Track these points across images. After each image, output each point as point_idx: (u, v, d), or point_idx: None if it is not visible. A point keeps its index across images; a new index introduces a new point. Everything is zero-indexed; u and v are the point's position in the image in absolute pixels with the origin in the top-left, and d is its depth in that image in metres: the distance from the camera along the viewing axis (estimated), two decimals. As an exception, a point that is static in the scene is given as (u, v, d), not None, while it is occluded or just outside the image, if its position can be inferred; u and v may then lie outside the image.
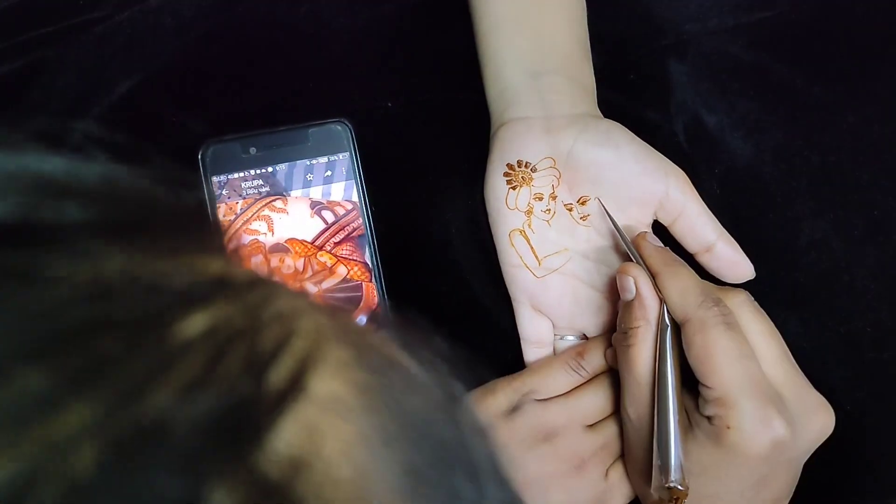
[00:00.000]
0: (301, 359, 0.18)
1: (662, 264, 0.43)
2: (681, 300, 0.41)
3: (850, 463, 0.49)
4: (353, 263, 0.50)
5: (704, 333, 0.39)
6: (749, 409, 0.38)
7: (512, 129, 0.47)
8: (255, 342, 0.17)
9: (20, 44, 0.52)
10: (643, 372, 0.42)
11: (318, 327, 0.19)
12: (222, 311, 0.17)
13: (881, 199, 0.52)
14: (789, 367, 0.41)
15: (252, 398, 0.16)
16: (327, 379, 0.18)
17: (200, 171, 0.50)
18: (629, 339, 0.42)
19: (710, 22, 0.54)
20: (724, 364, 0.39)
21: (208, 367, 0.16)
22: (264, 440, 0.16)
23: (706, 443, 0.39)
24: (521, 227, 0.48)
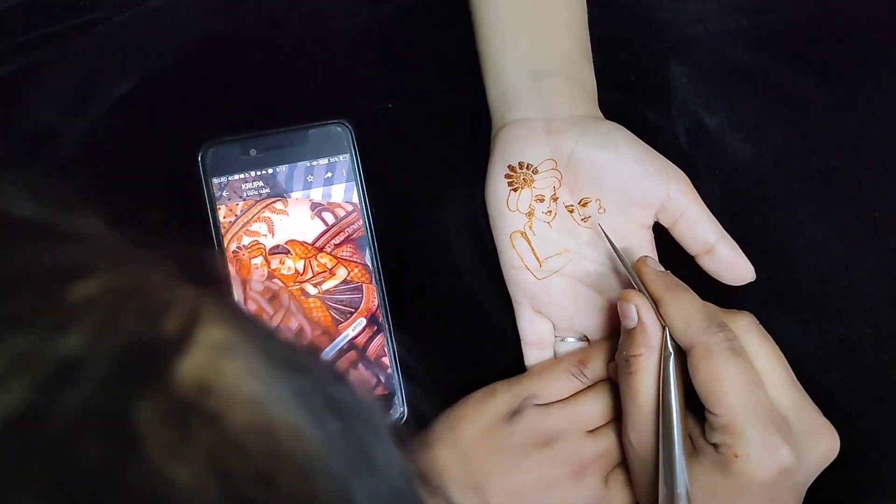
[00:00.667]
0: (188, 313, 0.20)
1: (664, 289, 0.42)
2: (685, 326, 0.41)
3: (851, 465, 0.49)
4: (354, 265, 0.50)
5: (710, 360, 0.39)
6: (756, 438, 0.38)
7: (513, 130, 0.47)
8: (145, 301, 0.19)
9: (20, 44, 0.52)
10: (646, 400, 0.42)
11: (195, 295, 0.21)
12: (109, 277, 0.20)
13: (881, 201, 0.52)
14: (795, 391, 0.41)
15: (153, 338, 0.19)
16: (213, 328, 0.20)
17: (200, 173, 0.50)
18: (631, 366, 0.42)
19: (711, 24, 0.54)
20: (731, 391, 0.39)
21: (109, 316, 0.18)
22: (171, 370, 0.18)
23: (712, 470, 0.39)
24: (522, 228, 0.48)
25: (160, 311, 0.20)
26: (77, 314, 0.18)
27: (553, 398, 0.47)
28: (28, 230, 0.21)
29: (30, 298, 0.18)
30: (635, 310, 0.42)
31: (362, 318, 0.50)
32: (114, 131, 0.52)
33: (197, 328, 0.20)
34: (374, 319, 0.50)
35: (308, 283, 0.50)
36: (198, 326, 0.20)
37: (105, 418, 0.17)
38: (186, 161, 0.50)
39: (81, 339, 0.17)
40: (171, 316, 0.20)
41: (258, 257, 0.50)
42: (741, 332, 0.41)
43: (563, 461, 0.45)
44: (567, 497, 0.45)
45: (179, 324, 0.19)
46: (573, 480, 0.45)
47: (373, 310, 0.50)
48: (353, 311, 0.50)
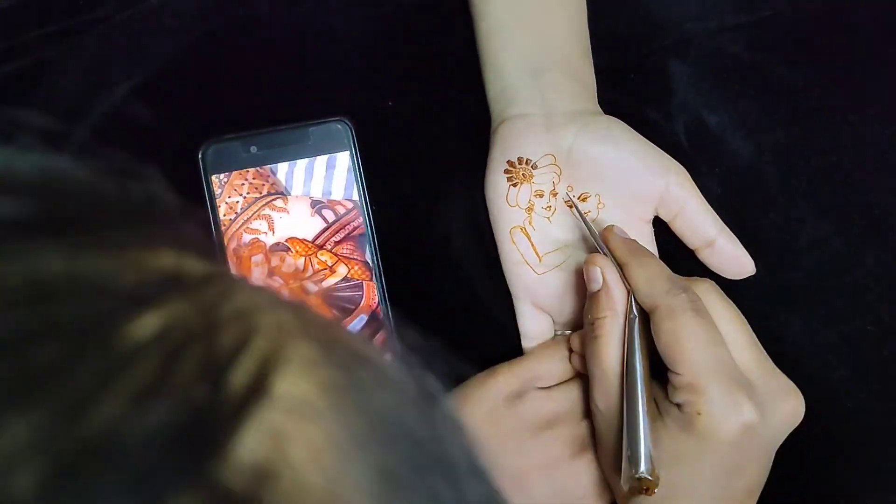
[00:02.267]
0: (263, 359, 0.17)
1: (629, 254, 0.43)
2: (648, 288, 0.41)
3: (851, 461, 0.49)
4: (354, 262, 0.50)
5: (673, 320, 0.39)
6: (718, 394, 0.38)
7: (512, 126, 0.47)
8: (212, 343, 0.16)
9: (21, 44, 0.52)
10: (611, 363, 0.42)
11: (281, 324, 0.18)
12: (175, 310, 0.16)
13: (882, 198, 0.52)
14: (758, 352, 0.41)
15: (210, 405, 0.15)
16: (292, 379, 0.17)
17: (201, 170, 0.50)
18: (596, 329, 0.42)
19: (712, 22, 0.54)
20: (693, 349, 0.39)
21: (160, 374, 0.15)
22: (225, 450, 0.15)
23: (676, 431, 0.39)
24: (521, 224, 0.48)
25: (231, 356, 0.16)
26: (121, 368, 0.15)
27: (554, 380, 0.47)
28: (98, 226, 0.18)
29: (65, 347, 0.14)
30: (600, 272, 0.42)
31: (363, 315, 0.50)
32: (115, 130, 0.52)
33: (273, 377, 0.16)
34: (375, 317, 0.50)
35: (309, 281, 0.50)
36: (274, 374, 0.17)
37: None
38: (187, 158, 0.50)
39: (119, 410, 0.14)
40: (242, 363, 0.16)
41: (258, 255, 0.50)
42: (703, 294, 0.41)
43: (566, 442, 0.45)
44: (570, 477, 0.45)
45: (250, 374, 0.16)
46: (576, 460, 0.45)
47: (373, 307, 0.50)
48: (353, 308, 0.50)
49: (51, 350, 0.14)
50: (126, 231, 0.18)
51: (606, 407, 0.42)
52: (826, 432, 0.46)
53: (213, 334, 0.16)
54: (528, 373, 0.47)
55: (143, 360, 0.15)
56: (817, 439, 0.43)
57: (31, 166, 0.18)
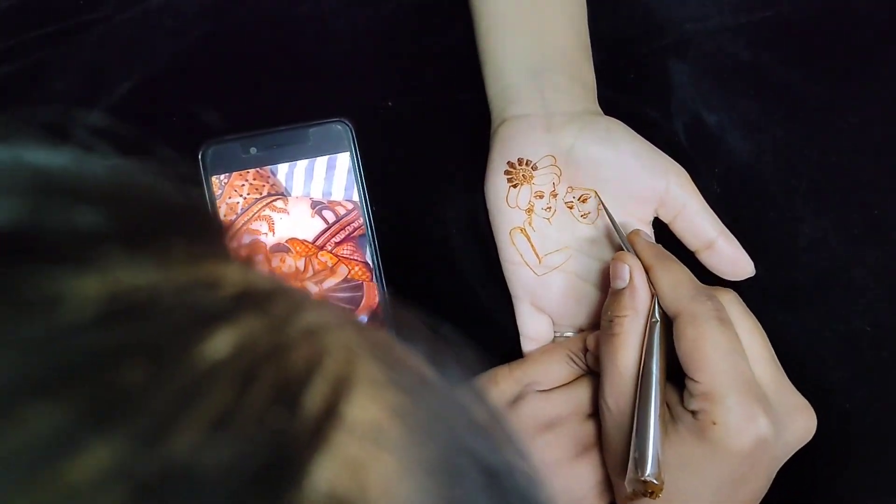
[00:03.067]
0: (335, 381, 0.16)
1: (655, 258, 0.43)
2: (673, 293, 0.41)
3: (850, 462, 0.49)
4: (354, 263, 0.50)
5: (696, 327, 0.39)
6: (735, 406, 0.38)
7: (512, 126, 0.47)
8: (285, 364, 0.15)
9: (21, 44, 0.52)
10: (627, 363, 0.41)
11: (349, 343, 0.17)
12: (248, 327, 0.16)
13: (881, 198, 0.52)
14: (775, 368, 0.42)
15: (286, 431, 0.14)
16: (364, 404, 0.16)
17: (201, 171, 0.50)
18: (615, 327, 0.42)
19: (711, 21, 0.54)
20: (714, 359, 0.39)
21: (237, 396, 0.14)
22: (303, 479, 0.14)
23: (689, 437, 0.39)
24: (521, 225, 0.48)
25: (303, 378, 0.15)
26: (201, 390, 0.14)
27: (553, 383, 0.47)
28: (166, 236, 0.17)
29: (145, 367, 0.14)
30: (628, 270, 0.42)
31: (363, 315, 0.50)
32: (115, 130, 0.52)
33: (345, 401, 0.16)
34: (375, 317, 0.50)
35: (309, 282, 0.50)
36: (346, 398, 0.16)
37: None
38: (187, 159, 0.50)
39: (199, 436, 0.13)
40: (316, 386, 0.15)
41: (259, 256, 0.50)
42: (726, 305, 0.41)
43: (566, 444, 0.45)
44: (569, 479, 0.45)
45: (323, 397, 0.15)
46: (576, 462, 0.45)
47: (374, 307, 0.50)
48: (354, 308, 0.50)
49: (133, 370, 0.14)
50: (194, 241, 0.18)
51: (616, 406, 0.42)
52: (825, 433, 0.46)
53: (284, 354, 0.16)
54: (527, 377, 0.47)
55: (220, 382, 0.14)
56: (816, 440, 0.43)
57: (101, 170, 0.17)
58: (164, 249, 0.16)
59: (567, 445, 0.45)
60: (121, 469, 0.13)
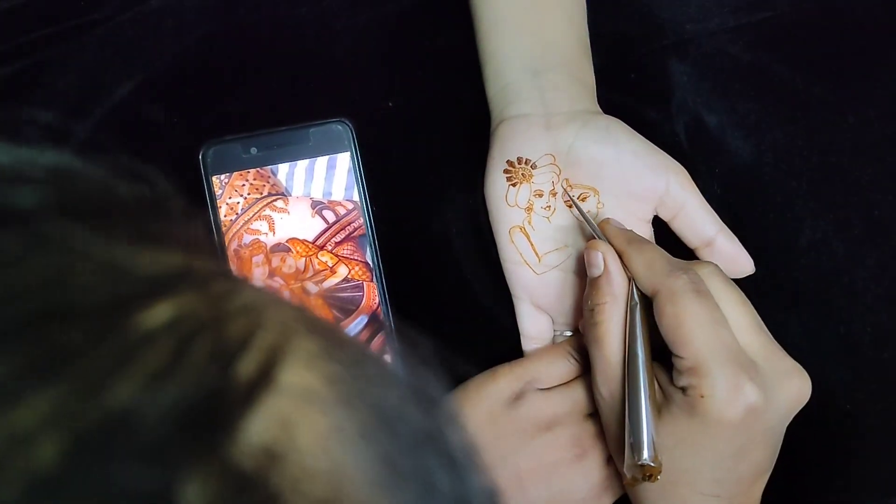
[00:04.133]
0: (270, 350, 0.17)
1: (626, 242, 0.43)
2: (648, 272, 0.41)
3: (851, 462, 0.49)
4: (354, 263, 0.50)
5: (675, 302, 0.39)
6: (721, 377, 0.38)
7: (512, 125, 0.47)
8: (221, 333, 0.17)
9: (22, 45, 0.52)
10: (613, 349, 0.41)
11: (286, 320, 0.19)
12: (187, 301, 0.17)
13: (881, 199, 0.52)
14: (761, 333, 0.41)
15: (221, 389, 0.16)
16: (298, 370, 0.17)
17: (202, 172, 0.50)
18: (596, 315, 0.42)
19: (711, 22, 0.54)
20: (696, 332, 0.38)
21: (174, 358, 0.16)
22: (236, 431, 0.15)
23: (680, 415, 0.39)
24: (521, 223, 0.48)
25: (239, 344, 0.17)
26: (138, 351, 0.15)
27: (554, 382, 0.47)
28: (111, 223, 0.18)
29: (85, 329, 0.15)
30: (601, 257, 0.42)
31: (363, 315, 0.50)
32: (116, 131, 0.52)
33: (279, 367, 0.17)
34: (376, 317, 0.50)
35: (309, 282, 0.50)
36: (281, 365, 0.17)
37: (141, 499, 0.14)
38: (188, 159, 0.50)
39: (136, 389, 0.15)
40: (251, 353, 0.17)
41: (259, 255, 0.50)
42: (705, 277, 0.41)
43: (565, 445, 0.45)
44: (569, 479, 0.45)
45: (258, 363, 0.17)
46: (575, 463, 0.45)
47: (374, 308, 0.50)
48: (354, 308, 0.50)
49: (71, 331, 0.15)
50: (138, 228, 0.19)
51: (609, 394, 0.42)
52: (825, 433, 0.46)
53: (221, 325, 0.17)
54: (528, 374, 0.47)
55: (157, 344, 0.16)
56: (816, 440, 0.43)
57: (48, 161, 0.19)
58: (108, 228, 0.18)
59: (567, 446, 0.45)
60: (60, 417, 0.14)
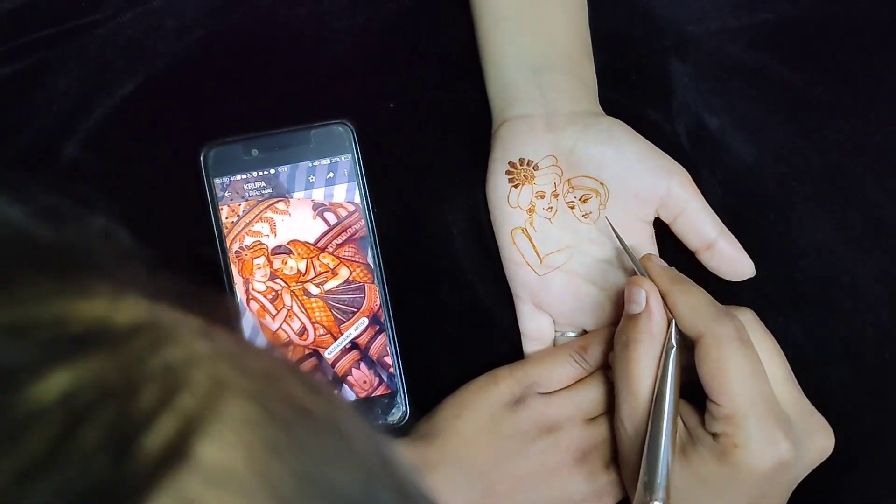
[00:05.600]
0: (186, 419, 0.15)
1: (671, 282, 0.42)
2: (693, 315, 0.41)
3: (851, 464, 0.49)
4: (356, 265, 0.50)
5: (720, 349, 0.39)
6: (758, 429, 0.38)
7: (513, 126, 0.47)
8: (128, 404, 0.15)
9: (22, 45, 0.52)
10: (643, 387, 0.41)
11: (215, 378, 0.17)
12: (90, 368, 0.15)
13: (883, 200, 0.52)
14: (794, 388, 0.42)
15: (111, 479, 0.14)
16: (219, 442, 0.15)
17: (203, 174, 0.50)
18: (630, 351, 0.42)
19: (712, 22, 0.54)
20: (738, 381, 0.39)
21: (56, 444, 0.14)
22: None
23: (709, 459, 0.39)
24: (522, 225, 0.48)
25: (147, 418, 0.15)
26: (14, 439, 0.13)
27: (555, 385, 0.47)
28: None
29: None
30: (644, 295, 0.42)
31: (364, 317, 0.50)
32: (117, 132, 0.52)
33: (195, 440, 0.15)
34: (377, 319, 0.50)
35: (310, 283, 0.50)
36: (197, 437, 0.15)
37: None
38: (189, 162, 0.50)
39: (4, 486, 0.13)
40: (160, 426, 0.15)
41: (260, 257, 0.50)
42: (745, 325, 0.41)
43: (566, 448, 0.46)
44: (570, 484, 0.46)
45: (167, 438, 0.15)
46: (576, 467, 0.46)
47: (375, 309, 0.50)
48: (355, 310, 0.50)
49: None
50: (56, 278, 0.17)
51: (633, 430, 0.42)
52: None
53: (131, 393, 0.15)
54: (529, 378, 0.47)
55: (41, 427, 0.14)
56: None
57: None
58: (8, 286, 0.16)
59: (568, 449, 0.46)
60: None
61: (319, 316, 0.50)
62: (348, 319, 0.50)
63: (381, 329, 0.50)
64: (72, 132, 0.52)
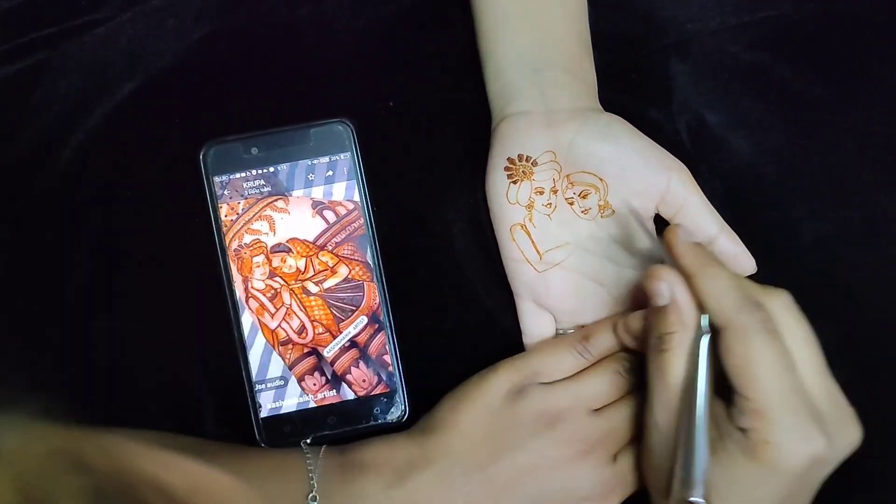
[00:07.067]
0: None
1: (698, 265, 0.40)
2: (718, 304, 0.39)
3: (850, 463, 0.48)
4: (355, 263, 0.50)
5: (745, 342, 0.37)
6: (790, 425, 0.37)
7: (512, 123, 0.47)
8: None
9: (23, 45, 0.53)
10: (677, 378, 0.40)
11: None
12: None
13: (882, 198, 0.52)
14: (827, 377, 0.40)
15: None
16: None
17: (202, 172, 0.50)
18: (664, 343, 0.40)
19: (713, 21, 0.54)
20: (765, 375, 0.37)
21: None
22: None
23: (738, 455, 0.38)
24: (522, 221, 0.48)
25: None
26: None
27: (557, 376, 0.46)
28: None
29: None
30: (667, 288, 0.40)
31: (363, 316, 0.50)
32: (117, 131, 0.52)
33: None
34: (376, 317, 0.50)
35: (309, 282, 0.50)
36: None
37: None
38: (188, 160, 0.50)
39: None
40: None
41: (260, 255, 0.50)
42: (777, 311, 0.39)
43: (569, 441, 0.44)
44: (573, 477, 0.44)
45: None
46: (579, 460, 0.44)
47: (374, 308, 0.50)
48: (354, 309, 0.50)
49: None
50: None
51: (666, 423, 0.40)
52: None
53: None
54: (529, 368, 0.47)
55: None
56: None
57: None
58: None
59: (570, 442, 0.45)
60: None
61: (318, 314, 0.50)
62: (347, 318, 0.50)
63: (381, 327, 0.50)
64: (72, 132, 0.52)
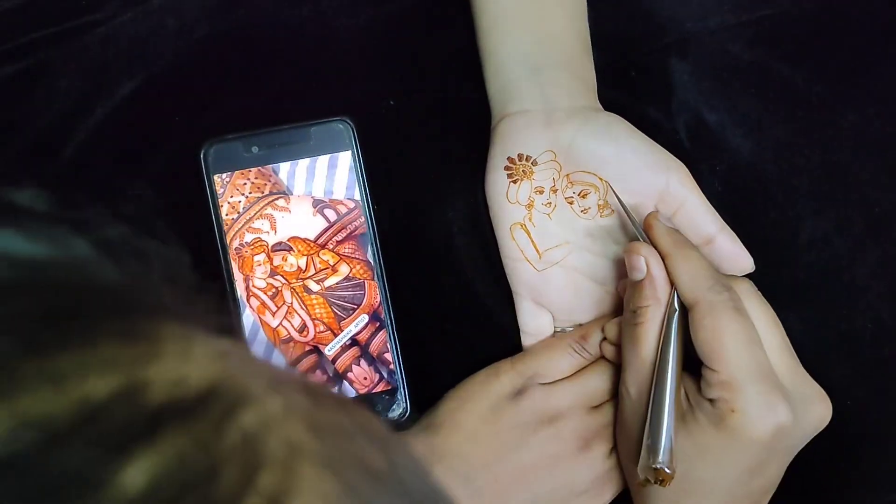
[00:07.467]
0: (269, 500, 0.15)
1: (673, 246, 0.43)
2: (691, 283, 0.41)
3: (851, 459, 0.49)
4: (356, 262, 0.50)
5: (714, 317, 0.40)
6: (755, 394, 0.38)
7: (512, 122, 0.48)
8: (211, 490, 0.14)
9: (23, 45, 0.53)
10: (649, 350, 0.42)
11: (290, 443, 0.16)
12: (169, 450, 0.14)
13: (882, 196, 0.52)
14: (790, 357, 0.42)
15: None
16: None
17: (203, 171, 0.50)
18: (638, 317, 0.42)
19: (712, 20, 0.54)
20: (732, 348, 0.39)
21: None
22: None
23: (707, 425, 0.39)
24: (521, 220, 0.48)
25: (232, 500, 0.14)
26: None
27: (556, 376, 0.48)
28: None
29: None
30: (644, 262, 0.43)
31: (365, 314, 0.50)
32: (117, 130, 0.52)
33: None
34: (377, 316, 0.50)
35: (310, 280, 0.50)
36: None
37: None
38: (189, 159, 0.50)
39: None
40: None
41: (261, 254, 0.50)
42: (742, 294, 0.42)
43: (568, 437, 0.46)
44: (573, 472, 0.46)
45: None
46: (578, 456, 0.46)
47: (375, 306, 0.50)
48: (355, 307, 0.50)
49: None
50: (124, 335, 0.16)
51: (637, 393, 0.42)
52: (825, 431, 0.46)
53: (213, 477, 0.14)
54: (530, 369, 0.47)
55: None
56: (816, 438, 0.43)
57: (32, 251, 0.16)
58: (81, 358, 0.15)
59: (570, 438, 0.46)
60: None
61: (320, 312, 0.50)
62: (348, 316, 0.50)
63: (382, 326, 0.50)
64: (72, 132, 0.52)
